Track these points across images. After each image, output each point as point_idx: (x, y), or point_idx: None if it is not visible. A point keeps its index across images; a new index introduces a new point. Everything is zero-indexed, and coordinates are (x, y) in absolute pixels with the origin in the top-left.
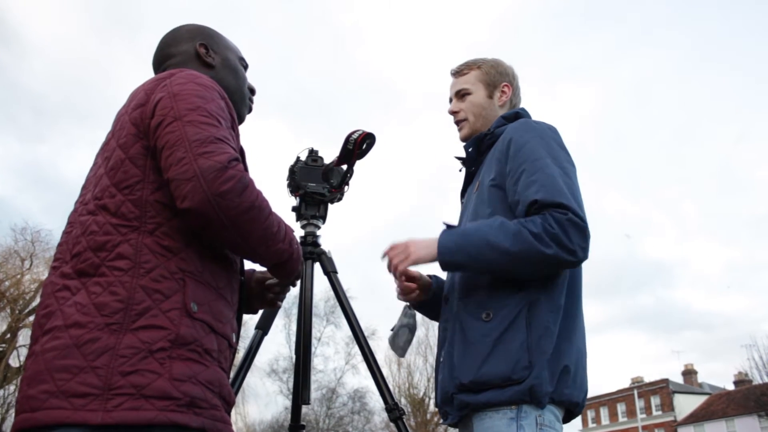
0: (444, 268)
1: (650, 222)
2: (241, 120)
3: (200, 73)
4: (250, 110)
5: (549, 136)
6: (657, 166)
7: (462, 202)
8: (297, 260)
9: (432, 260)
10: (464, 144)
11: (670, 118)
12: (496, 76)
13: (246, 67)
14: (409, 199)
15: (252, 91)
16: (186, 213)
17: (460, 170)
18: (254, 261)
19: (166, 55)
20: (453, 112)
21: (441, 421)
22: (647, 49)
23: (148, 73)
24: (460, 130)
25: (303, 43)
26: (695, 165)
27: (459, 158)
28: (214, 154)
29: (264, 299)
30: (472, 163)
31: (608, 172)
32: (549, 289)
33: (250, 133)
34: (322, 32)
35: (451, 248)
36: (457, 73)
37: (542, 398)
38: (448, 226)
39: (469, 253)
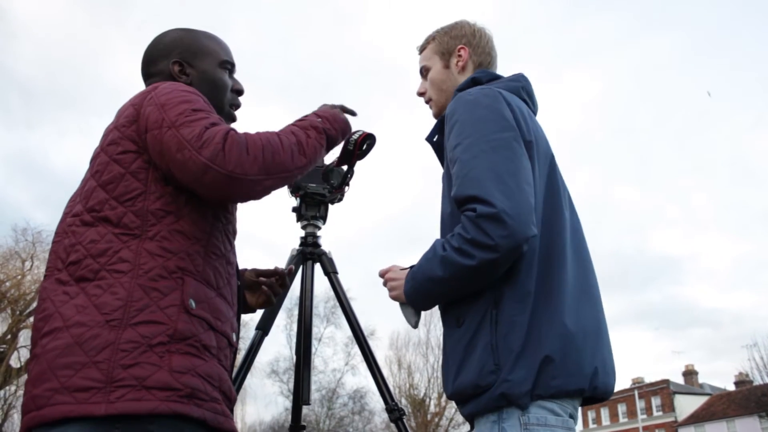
0: (417, 309)
1: (660, 214)
2: None
3: None
4: (233, 119)
5: (479, 104)
6: (668, 156)
7: None
8: (335, 130)
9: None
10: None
11: (682, 105)
12: (450, 42)
13: (231, 68)
14: (414, 187)
15: (239, 93)
16: (228, 200)
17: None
18: (316, 163)
19: (148, 74)
20: (420, 94)
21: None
22: (658, 32)
23: (137, 55)
24: (431, 110)
25: (303, 23)
26: (707, 154)
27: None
28: (211, 140)
29: (259, 294)
30: (439, 150)
31: (617, 162)
32: (513, 278)
33: (248, 120)
34: (323, 11)
35: (409, 293)
36: (420, 50)
37: (519, 400)
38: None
39: (421, 292)
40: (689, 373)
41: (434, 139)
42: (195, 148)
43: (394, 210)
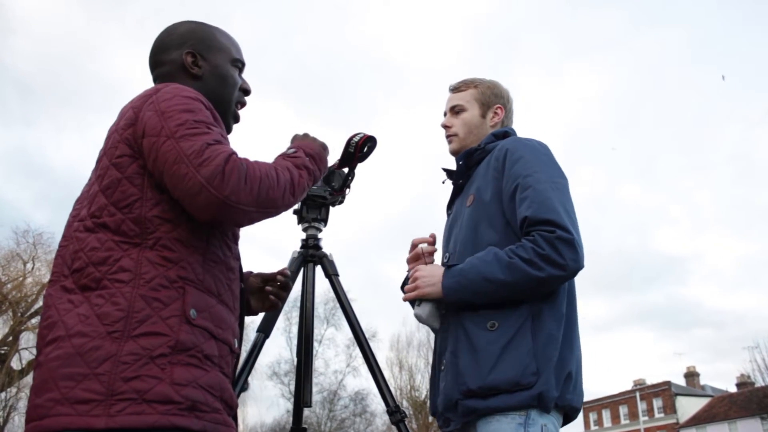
0: (451, 304)
1: (663, 213)
2: (227, 131)
3: (186, 85)
4: (237, 119)
5: (540, 151)
6: (671, 154)
7: (448, 213)
8: (320, 170)
9: (438, 297)
10: (455, 157)
11: (686, 102)
12: (491, 97)
13: (241, 67)
14: (413, 186)
15: (246, 92)
16: (212, 222)
17: (443, 182)
18: (294, 204)
19: (157, 62)
20: (445, 126)
21: (444, 427)
22: (662, 27)
23: (136, 51)
24: (449, 143)
25: (303, 18)
26: (711, 152)
27: (446, 170)
28: (212, 160)
29: (264, 298)
30: (460, 176)
31: (619, 160)
32: (551, 299)
33: (250, 114)
34: (323, 6)
35: (453, 288)
36: (455, 89)
37: (549, 403)
38: (448, 267)
39: (471, 290)
40: (691, 375)
41: (460, 164)
42: (194, 165)
43: (394, 210)
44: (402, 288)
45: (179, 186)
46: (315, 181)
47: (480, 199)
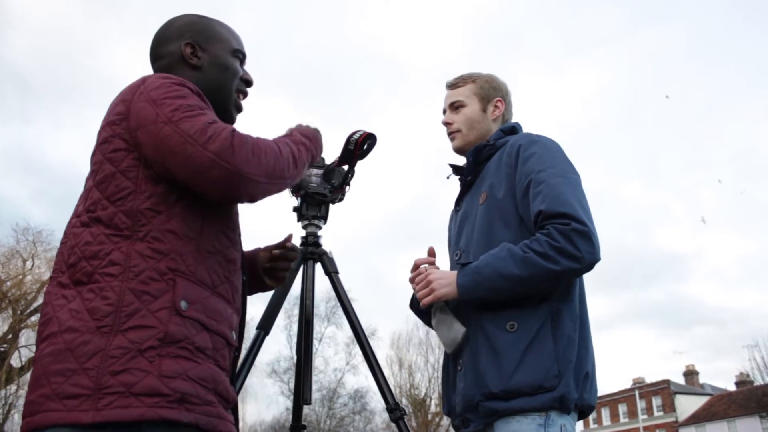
0: (467, 301)
1: (664, 210)
2: (230, 120)
3: (185, 76)
4: (239, 109)
5: (552, 147)
6: (672, 150)
7: (456, 210)
8: (316, 150)
9: (454, 297)
10: (465, 154)
11: (687, 99)
12: (490, 91)
13: (242, 58)
14: (413, 183)
15: (248, 83)
16: (225, 198)
17: (448, 177)
18: (298, 178)
19: (156, 56)
20: (446, 123)
21: (462, 428)
22: (662, 23)
23: (135, 46)
24: (452, 140)
25: (304, 13)
26: (713, 149)
27: (453, 166)
28: (217, 136)
29: (274, 272)
30: (470, 172)
31: (620, 157)
32: (568, 300)
33: (249, 111)
34: (324, 1)
35: (469, 287)
36: (453, 85)
37: (570, 405)
38: (463, 265)
39: (486, 287)
40: (690, 373)
41: (470, 163)
42: (200, 143)
43: (394, 208)
44: (411, 306)
45: (189, 165)
46: (313, 159)
47: (493, 196)
